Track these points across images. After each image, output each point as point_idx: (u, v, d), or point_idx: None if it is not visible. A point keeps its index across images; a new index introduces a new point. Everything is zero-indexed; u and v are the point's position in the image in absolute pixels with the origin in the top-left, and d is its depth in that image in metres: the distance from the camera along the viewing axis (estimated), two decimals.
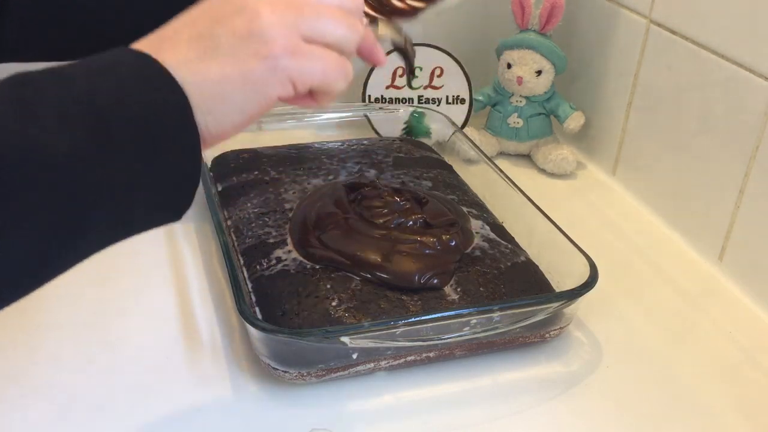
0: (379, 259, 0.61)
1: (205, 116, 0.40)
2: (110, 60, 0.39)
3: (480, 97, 0.93)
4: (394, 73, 0.92)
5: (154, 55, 0.39)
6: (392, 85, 0.93)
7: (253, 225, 0.68)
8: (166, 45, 0.40)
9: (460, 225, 0.67)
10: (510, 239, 0.69)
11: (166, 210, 0.41)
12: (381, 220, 0.64)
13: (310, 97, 0.45)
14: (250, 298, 0.61)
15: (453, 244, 0.63)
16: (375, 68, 0.91)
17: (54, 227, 0.36)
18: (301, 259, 0.63)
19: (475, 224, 0.70)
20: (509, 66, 0.89)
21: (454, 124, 0.87)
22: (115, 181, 0.37)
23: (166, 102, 0.38)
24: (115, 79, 0.38)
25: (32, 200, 0.35)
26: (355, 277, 0.61)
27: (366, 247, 0.62)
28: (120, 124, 0.37)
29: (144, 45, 0.40)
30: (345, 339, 0.54)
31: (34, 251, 0.36)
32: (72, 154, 0.35)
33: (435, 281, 0.60)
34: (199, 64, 0.39)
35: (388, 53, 0.56)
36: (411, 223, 0.65)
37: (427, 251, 0.62)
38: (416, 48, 0.90)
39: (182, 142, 0.39)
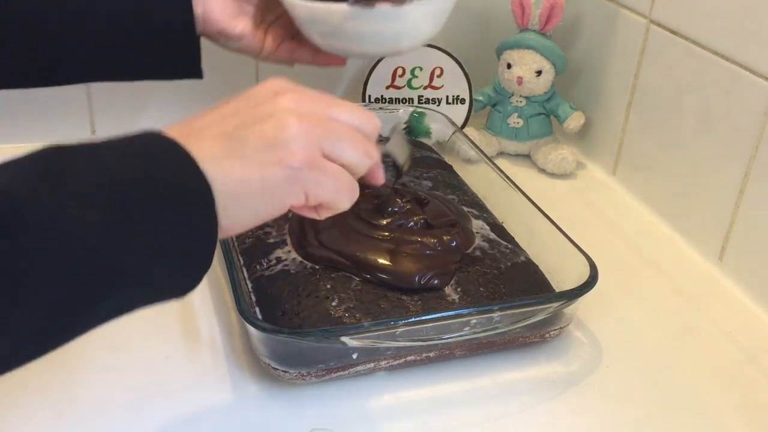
0: (378, 260, 0.61)
1: (220, 213, 0.41)
2: (141, 143, 0.40)
3: (480, 97, 0.93)
4: (394, 73, 0.92)
5: (182, 141, 0.40)
6: (392, 85, 0.93)
7: None
8: (193, 138, 0.41)
9: (462, 225, 0.67)
10: (510, 239, 0.69)
11: (173, 292, 0.42)
12: (381, 221, 0.64)
13: (314, 209, 0.46)
14: (250, 298, 0.61)
15: (454, 244, 0.63)
16: (375, 68, 0.91)
17: (67, 301, 0.36)
18: (300, 259, 0.63)
19: (475, 224, 0.70)
20: (509, 66, 0.89)
21: (454, 124, 0.87)
22: (131, 262, 0.38)
23: (193, 191, 0.39)
24: (144, 162, 0.39)
25: (50, 271, 0.35)
26: (355, 277, 0.61)
27: (365, 248, 0.62)
28: (145, 207, 0.38)
29: (172, 134, 0.41)
30: (345, 339, 0.54)
31: (43, 325, 0.36)
32: (96, 231, 0.36)
33: (435, 282, 0.60)
34: (223, 161, 0.40)
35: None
36: (412, 224, 0.64)
37: (428, 252, 0.62)
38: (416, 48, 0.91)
39: (202, 232, 0.40)
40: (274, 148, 0.42)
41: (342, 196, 0.46)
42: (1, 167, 0.36)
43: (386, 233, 0.63)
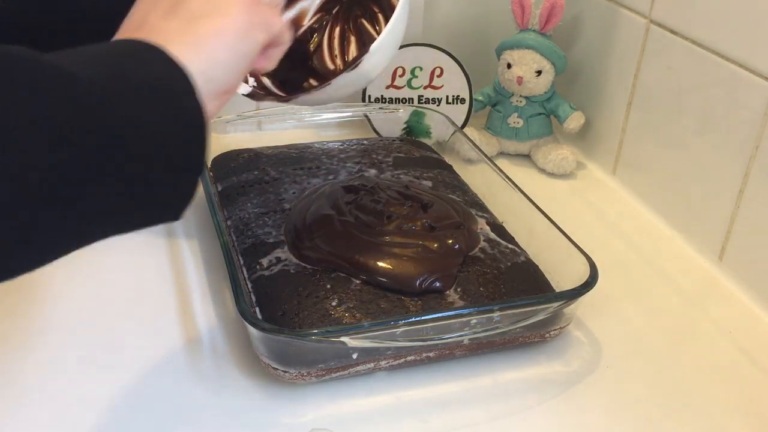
0: (374, 263, 0.61)
1: (207, 84, 0.42)
2: (108, 45, 0.41)
3: (480, 97, 0.93)
4: (394, 73, 0.92)
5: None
6: (392, 85, 0.93)
7: (253, 225, 0.68)
8: (145, 30, 0.42)
9: (466, 227, 0.67)
10: (510, 239, 0.69)
11: (168, 193, 0.41)
12: (382, 225, 0.64)
13: (264, 56, 0.48)
14: (250, 298, 0.61)
15: (456, 247, 0.63)
16: None
17: (75, 159, 0.35)
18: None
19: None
20: (509, 66, 0.89)
21: (454, 124, 0.87)
22: (129, 124, 0.37)
23: (168, 74, 0.40)
24: (117, 53, 0.40)
25: (57, 124, 0.34)
26: (354, 278, 0.61)
27: (364, 251, 0.61)
28: (135, 79, 0.38)
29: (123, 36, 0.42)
30: (345, 339, 0.54)
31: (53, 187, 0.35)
32: (92, 84, 0.36)
33: (437, 284, 0.60)
34: (187, 30, 0.42)
35: None
36: (412, 226, 0.64)
37: (429, 254, 0.62)
38: (416, 48, 0.91)
39: (186, 115, 0.40)
40: (211, 9, 0.44)
41: (280, 25, 0.48)
42: None
43: (387, 237, 0.63)
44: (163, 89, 0.39)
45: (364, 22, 0.68)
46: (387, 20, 0.63)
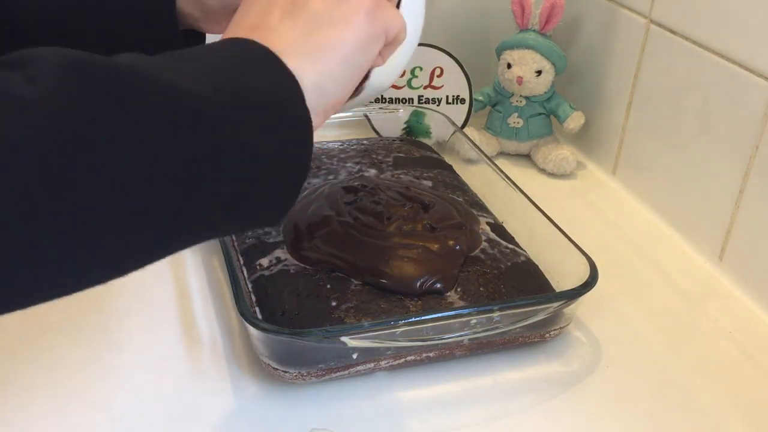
0: (374, 265, 0.60)
1: (319, 98, 0.41)
2: (231, 48, 0.40)
3: (480, 97, 0.93)
4: None
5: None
6: (392, 85, 0.93)
7: None
8: (263, 32, 0.40)
9: (468, 227, 0.66)
10: (510, 239, 0.69)
11: (269, 203, 0.40)
12: (380, 224, 0.64)
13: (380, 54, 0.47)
14: (250, 298, 0.61)
15: (458, 248, 0.63)
16: None
17: (183, 174, 0.34)
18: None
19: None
20: (509, 66, 0.89)
21: (454, 124, 0.87)
22: (238, 142, 0.36)
23: (281, 87, 0.39)
24: (231, 60, 0.39)
25: (165, 139, 0.33)
26: (354, 279, 0.61)
27: (364, 252, 0.61)
28: (246, 92, 0.37)
29: (245, 34, 0.41)
30: (345, 339, 0.54)
31: (165, 206, 0.34)
32: (208, 100, 0.35)
33: (438, 286, 0.60)
34: (307, 39, 0.41)
35: None
36: (413, 227, 0.64)
37: (430, 255, 0.62)
38: (417, 48, 0.91)
39: (296, 122, 0.39)
40: (341, 3, 0.42)
41: (401, 23, 0.46)
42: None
43: (387, 238, 0.63)
44: (276, 103, 0.38)
45: None
46: None
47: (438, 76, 0.92)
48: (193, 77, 0.35)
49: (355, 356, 0.56)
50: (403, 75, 0.92)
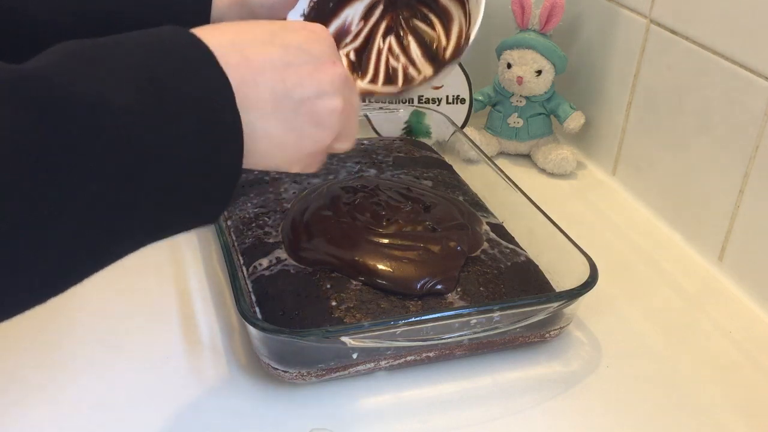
0: (373, 266, 0.60)
1: (246, 151, 0.41)
2: (167, 39, 0.39)
3: (480, 97, 0.93)
4: None
5: (237, 53, 0.40)
6: None
7: (253, 225, 0.68)
8: (250, 77, 0.40)
9: (469, 228, 0.66)
10: (510, 239, 0.69)
11: (203, 203, 0.41)
12: (380, 225, 0.64)
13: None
14: (250, 298, 0.61)
15: (458, 249, 0.63)
16: None
17: (108, 193, 0.34)
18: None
19: None
20: (509, 66, 0.89)
21: (454, 124, 0.87)
22: (163, 148, 0.36)
23: (227, 130, 0.39)
24: (172, 58, 0.38)
25: (93, 158, 0.33)
26: (354, 280, 0.60)
27: (361, 253, 0.61)
28: (172, 95, 0.37)
29: (224, 50, 0.40)
30: (345, 339, 0.54)
31: (86, 228, 0.35)
32: (128, 108, 0.35)
33: (439, 287, 0.60)
34: (269, 117, 0.41)
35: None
36: (413, 228, 0.64)
37: (431, 256, 0.62)
38: None
39: (227, 137, 0.39)
40: (317, 128, 0.44)
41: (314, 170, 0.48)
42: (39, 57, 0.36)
43: (387, 239, 0.63)
44: (205, 110, 0.38)
45: (417, 22, 0.68)
46: (438, 17, 0.67)
47: None
48: (117, 82, 0.35)
49: (355, 356, 0.56)
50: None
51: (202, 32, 0.40)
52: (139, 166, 0.35)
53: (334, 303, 0.58)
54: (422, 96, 0.93)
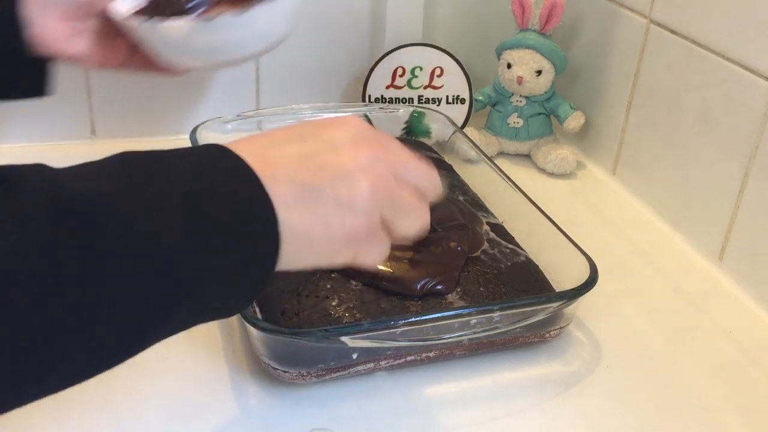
0: (377, 267, 0.60)
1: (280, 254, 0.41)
2: (216, 162, 0.40)
3: (480, 97, 0.93)
4: (394, 73, 0.92)
5: (258, 172, 0.39)
6: (392, 85, 0.93)
7: None
8: (269, 174, 0.40)
9: (470, 228, 0.66)
10: (510, 239, 0.69)
11: (224, 313, 0.42)
12: None
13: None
14: None
15: (459, 249, 0.63)
16: (375, 68, 0.91)
17: (143, 313, 0.36)
18: None
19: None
20: (509, 66, 0.89)
21: (454, 124, 0.87)
22: (199, 281, 0.37)
23: (264, 233, 0.39)
24: (222, 188, 0.38)
25: (130, 282, 0.35)
26: (354, 280, 0.60)
27: None
28: (215, 225, 0.37)
29: (247, 153, 0.40)
30: (345, 339, 0.54)
31: (116, 339, 0.37)
32: (171, 244, 0.36)
33: (439, 288, 0.60)
34: (293, 211, 0.40)
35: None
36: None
37: (431, 257, 0.62)
38: (416, 48, 0.91)
39: (263, 269, 0.40)
40: (344, 208, 0.41)
41: (379, 262, 0.46)
42: (82, 167, 0.37)
43: None
44: (247, 235, 0.39)
45: None
46: None
47: (438, 76, 0.93)
48: (165, 219, 0.36)
49: (355, 356, 0.56)
50: (403, 75, 0.92)
51: (237, 148, 0.40)
52: (180, 291, 0.37)
53: (334, 303, 0.58)
54: (422, 96, 0.93)
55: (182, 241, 0.36)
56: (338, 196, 0.41)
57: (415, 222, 0.45)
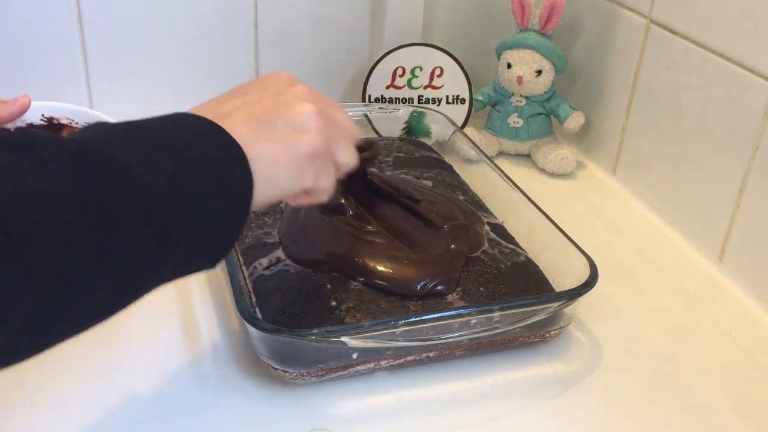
0: (372, 267, 0.60)
1: (258, 185, 0.45)
2: (184, 121, 0.44)
3: (480, 97, 0.93)
4: (394, 73, 0.92)
5: (219, 123, 0.44)
6: (392, 85, 0.93)
7: (253, 225, 0.68)
8: (227, 123, 0.44)
9: (471, 228, 0.66)
10: (510, 239, 0.69)
11: (207, 258, 0.45)
12: (378, 226, 0.64)
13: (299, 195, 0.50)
14: (250, 298, 0.61)
15: (459, 249, 0.63)
16: (375, 68, 0.91)
17: (143, 254, 0.39)
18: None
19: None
20: (509, 66, 0.89)
21: (454, 124, 0.87)
22: (187, 219, 0.41)
23: (236, 167, 0.43)
24: (194, 135, 0.43)
25: (132, 223, 0.38)
26: (353, 280, 0.60)
27: (359, 253, 0.61)
28: (199, 176, 0.41)
29: (205, 112, 0.45)
30: (345, 339, 0.54)
31: (124, 278, 0.39)
32: (163, 190, 0.39)
33: (440, 288, 0.60)
34: (255, 143, 0.45)
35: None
36: (412, 228, 0.64)
37: (431, 258, 0.62)
38: (416, 48, 0.91)
39: (241, 200, 0.44)
40: (298, 131, 0.46)
41: (330, 190, 0.50)
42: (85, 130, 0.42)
43: (387, 239, 0.62)
44: (222, 171, 0.43)
45: None
46: None
47: (438, 76, 0.92)
48: (150, 161, 0.40)
49: (355, 356, 0.56)
50: (403, 75, 0.92)
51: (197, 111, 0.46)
52: (168, 223, 0.40)
53: (334, 303, 0.58)
54: (422, 96, 0.93)
55: (173, 182, 0.40)
56: (290, 122, 0.47)
57: (348, 150, 0.50)
